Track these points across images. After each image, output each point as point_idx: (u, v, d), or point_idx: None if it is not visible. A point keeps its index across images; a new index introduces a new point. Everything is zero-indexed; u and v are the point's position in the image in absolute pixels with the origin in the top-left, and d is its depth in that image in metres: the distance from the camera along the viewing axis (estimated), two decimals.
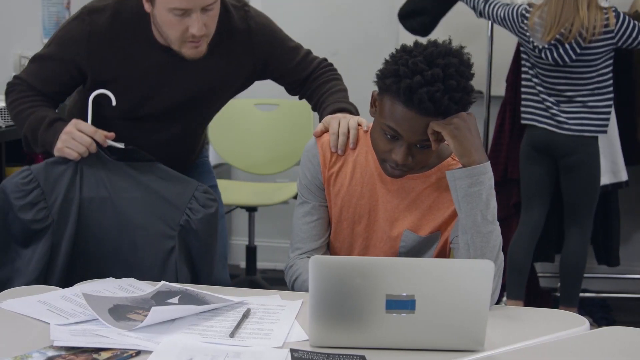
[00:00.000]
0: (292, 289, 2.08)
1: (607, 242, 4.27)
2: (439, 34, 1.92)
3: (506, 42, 4.07)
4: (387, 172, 1.95)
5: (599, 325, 3.76)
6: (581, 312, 1.83)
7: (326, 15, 4.78)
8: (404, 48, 1.87)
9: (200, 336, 1.61)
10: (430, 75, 1.77)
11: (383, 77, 1.86)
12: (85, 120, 2.08)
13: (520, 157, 3.87)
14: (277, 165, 4.53)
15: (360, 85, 4.74)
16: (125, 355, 1.51)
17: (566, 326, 1.73)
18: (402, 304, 1.53)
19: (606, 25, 3.53)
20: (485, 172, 1.83)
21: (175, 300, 1.77)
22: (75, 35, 2.11)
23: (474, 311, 1.55)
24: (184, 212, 2.05)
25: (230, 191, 4.35)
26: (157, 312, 1.65)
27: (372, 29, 4.73)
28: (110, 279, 1.97)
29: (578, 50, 3.55)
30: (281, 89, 2.44)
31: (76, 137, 1.99)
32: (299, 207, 2.11)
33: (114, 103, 2.07)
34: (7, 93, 2.23)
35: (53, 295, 1.84)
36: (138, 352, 1.53)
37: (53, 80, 2.19)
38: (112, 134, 2.06)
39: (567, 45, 3.54)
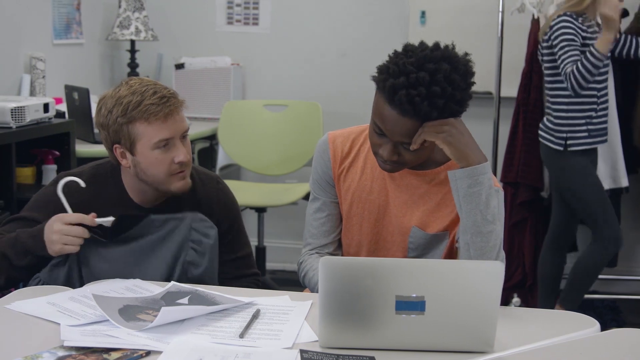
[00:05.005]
0: (303, 285, 2.11)
1: None
2: (448, 35, 1.90)
3: (517, 43, 4.06)
4: (380, 165, 1.96)
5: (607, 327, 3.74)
6: (590, 313, 1.82)
7: (335, 17, 4.77)
8: (405, 47, 1.86)
9: (210, 336, 1.62)
10: (414, 78, 1.76)
11: (378, 73, 1.86)
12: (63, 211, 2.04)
13: None
14: (286, 166, 4.53)
15: (368, 87, 4.72)
16: (135, 355, 1.52)
17: (576, 328, 1.73)
18: (412, 305, 1.53)
19: (545, 34, 3.55)
20: (485, 172, 1.83)
21: (185, 300, 1.77)
22: (52, 198, 2.09)
23: (483, 312, 1.55)
24: (188, 247, 2.06)
25: (240, 192, 4.34)
26: (167, 313, 1.66)
27: (380, 30, 4.72)
28: (117, 279, 1.98)
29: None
30: (289, 89, 2.39)
31: (70, 232, 1.96)
32: (310, 203, 2.13)
33: (83, 185, 2.08)
34: None
35: (61, 296, 1.85)
36: (148, 353, 1.54)
37: None
38: (94, 214, 2.01)
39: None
